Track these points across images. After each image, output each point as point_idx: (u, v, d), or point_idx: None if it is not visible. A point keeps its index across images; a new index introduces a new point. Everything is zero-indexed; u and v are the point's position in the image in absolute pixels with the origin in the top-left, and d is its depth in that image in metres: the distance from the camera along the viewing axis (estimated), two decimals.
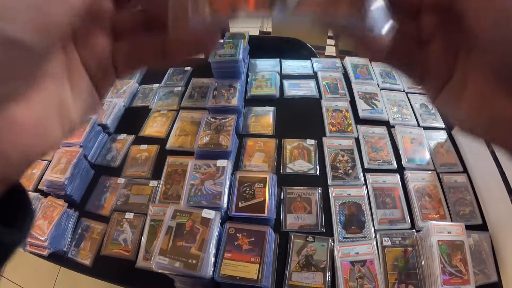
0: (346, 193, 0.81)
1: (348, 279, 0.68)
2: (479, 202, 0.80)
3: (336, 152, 0.89)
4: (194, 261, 0.61)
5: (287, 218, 0.78)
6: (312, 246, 0.73)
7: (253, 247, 0.66)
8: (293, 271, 0.70)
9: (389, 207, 0.79)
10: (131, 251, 0.78)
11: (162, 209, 0.79)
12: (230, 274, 0.63)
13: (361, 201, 0.79)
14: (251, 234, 0.68)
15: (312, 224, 0.77)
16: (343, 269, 0.69)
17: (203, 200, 0.72)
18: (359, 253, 0.71)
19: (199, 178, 0.75)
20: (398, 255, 0.71)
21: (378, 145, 0.91)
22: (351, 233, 0.75)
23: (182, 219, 0.66)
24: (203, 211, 0.67)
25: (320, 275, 0.69)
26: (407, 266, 0.70)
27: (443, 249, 0.66)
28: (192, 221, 0.66)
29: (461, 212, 0.78)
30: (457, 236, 0.68)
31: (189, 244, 0.63)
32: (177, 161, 0.91)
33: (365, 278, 0.68)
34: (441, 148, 0.91)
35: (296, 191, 0.82)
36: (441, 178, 0.84)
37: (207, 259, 0.62)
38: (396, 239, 0.73)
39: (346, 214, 0.78)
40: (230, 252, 0.65)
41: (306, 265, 0.70)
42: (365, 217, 0.77)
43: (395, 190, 0.82)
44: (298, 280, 0.69)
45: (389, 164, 0.87)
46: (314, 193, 0.82)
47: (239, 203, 0.72)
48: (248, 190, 0.74)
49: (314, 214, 0.78)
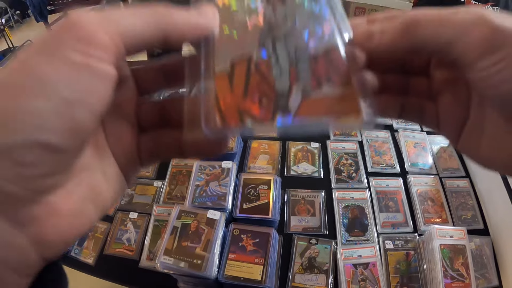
0: (349, 196, 0.82)
1: (351, 281, 0.68)
2: (481, 207, 0.81)
3: (340, 156, 0.90)
4: (199, 262, 0.62)
5: (291, 220, 0.79)
6: (315, 249, 0.73)
7: (258, 248, 0.66)
8: (296, 273, 0.70)
9: (392, 210, 0.80)
10: (134, 250, 0.78)
11: (166, 209, 0.79)
12: (234, 275, 0.63)
13: (364, 204, 0.80)
14: (255, 236, 0.68)
15: (316, 227, 0.77)
16: (346, 272, 0.69)
17: (208, 201, 0.72)
18: (362, 256, 0.71)
19: (204, 179, 0.76)
20: (401, 258, 0.72)
21: (382, 149, 0.92)
22: (354, 236, 0.76)
23: (187, 219, 0.67)
24: (209, 212, 0.67)
25: (323, 277, 0.69)
26: (409, 270, 0.70)
27: (445, 253, 0.67)
28: (198, 222, 0.66)
29: (463, 217, 0.79)
30: (459, 240, 0.69)
31: (194, 244, 0.64)
32: (182, 162, 0.92)
33: (368, 281, 0.68)
34: (444, 153, 0.92)
35: (300, 194, 0.83)
36: (443, 182, 0.84)
37: (212, 259, 0.62)
38: (398, 243, 0.74)
39: (349, 217, 0.78)
40: (235, 253, 0.66)
41: (309, 267, 0.71)
42: (368, 220, 0.78)
43: (398, 194, 0.83)
44: (301, 282, 0.69)
45: (392, 168, 0.88)
46: (317, 196, 0.82)
47: (243, 204, 0.73)
48: (253, 192, 0.75)
49: (318, 216, 0.79)
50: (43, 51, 0.14)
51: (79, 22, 0.15)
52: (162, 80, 0.22)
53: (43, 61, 0.14)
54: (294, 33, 0.21)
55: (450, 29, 0.18)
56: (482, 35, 0.17)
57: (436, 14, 0.19)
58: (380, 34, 0.20)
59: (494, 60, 0.17)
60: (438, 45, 0.19)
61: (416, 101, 0.24)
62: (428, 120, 0.24)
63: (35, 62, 0.14)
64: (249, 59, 0.20)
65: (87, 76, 0.14)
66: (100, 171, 0.19)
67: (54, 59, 0.14)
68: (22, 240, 0.15)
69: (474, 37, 0.18)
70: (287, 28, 0.21)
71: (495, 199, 0.78)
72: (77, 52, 0.14)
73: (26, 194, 0.14)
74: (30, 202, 0.15)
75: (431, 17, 0.19)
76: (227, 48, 0.20)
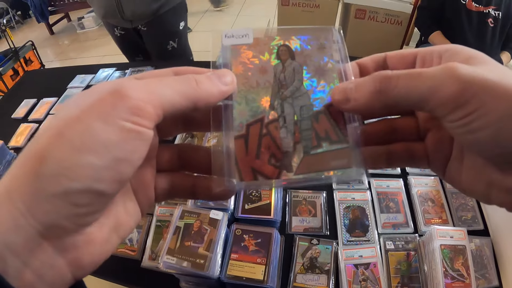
0: (350, 197, 0.82)
1: (352, 281, 0.69)
2: (481, 207, 0.82)
3: None
4: (201, 261, 0.62)
5: (292, 220, 0.79)
6: (316, 249, 0.74)
7: (260, 248, 0.67)
8: (298, 273, 0.71)
9: (393, 211, 0.80)
10: (136, 250, 0.79)
11: (168, 209, 0.80)
12: (236, 275, 0.64)
13: (365, 205, 0.81)
14: (257, 236, 0.69)
15: (317, 227, 0.78)
16: (347, 272, 0.70)
17: (211, 201, 0.73)
18: (363, 256, 0.72)
19: None
20: (401, 258, 0.72)
21: None
22: (355, 236, 0.76)
23: (190, 219, 0.67)
24: (211, 212, 0.68)
25: (324, 277, 0.70)
26: (409, 270, 0.71)
27: (445, 253, 0.68)
28: (200, 222, 0.67)
29: (463, 217, 0.80)
30: (459, 240, 0.69)
31: (197, 244, 0.64)
32: None
33: (369, 281, 0.69)
34: None
35: (301, 195, 0.83)
36: (444, 183, 0.85)
37: (215, 259, 0.63)
38: (399, 243, 0.74)
39: (350, 218, 0.79)
40: (237, 253, 0.67)
41: (311, 267, 0.71)
42: (369, 221, 0.78)
43: (398, 194, 0.83)
44: (302, 282, 0.70)
45: (393, 169, 0.88)
46: (319, 197, 0.83)
47: (245, 205, 0.74)
48: (254, 193, 0.75)
49: (319, 217, 0.80)
50: (100, 117, 0.17)
51: (130, 95, 0.18)
52: (180, 126, 0.26)
53: (101, 127, 0.17)
54: (300, 91, 0.24)
55: (421, 87, 0.19)
56: (451, 91, 0.18)
57: (406, 72, 0.20)
58: (355, 95, 0.22)
59: (465, 112, 0.18)
60: (410, 103, 0.20)
61: (403, 148, 0.25)
62: (418, 161, 0.25)
63: (94, 125, 0.17)
64: (262, 120, 0.23)
65: (133, 140, 0.18)
66: (122, 205, 0.22)
67: (110, 125, 0.17)
68: (61, 263, 0.18)
69: (444, 94, 0.18)
70: (294, 87, 0.24)
71: None
72: (129, 122, 0.17)
73: (73, 227, 0.18)
74: (74, 233, 0.18)
75: (402, 75, 0.20)
76: (243, 112, 0.23)
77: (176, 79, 0.20)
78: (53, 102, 1.29)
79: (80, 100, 0.18)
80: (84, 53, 3.50)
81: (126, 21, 1.39)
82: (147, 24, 1.42)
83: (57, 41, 3.95)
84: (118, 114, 0.17)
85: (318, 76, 0.24)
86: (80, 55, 3.48)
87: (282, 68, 0.25)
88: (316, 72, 0.25)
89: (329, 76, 0.24)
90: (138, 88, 0.18)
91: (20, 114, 1.27)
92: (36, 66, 2.75)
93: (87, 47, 3.64)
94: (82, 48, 3.63)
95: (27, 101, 1.32)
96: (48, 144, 0.17)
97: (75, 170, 0.16)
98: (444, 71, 0.19)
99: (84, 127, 0.17)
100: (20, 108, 1.30)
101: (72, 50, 3.69)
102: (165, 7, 1.39)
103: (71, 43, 3.83)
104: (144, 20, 1.40)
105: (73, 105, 0.18)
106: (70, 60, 3.45)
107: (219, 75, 0.22)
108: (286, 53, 0.25)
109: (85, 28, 3.97)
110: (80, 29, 3.97)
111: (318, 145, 0.23)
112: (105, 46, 3.40)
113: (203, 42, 2.84)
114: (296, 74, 0.24)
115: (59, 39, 3.97)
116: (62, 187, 0.16)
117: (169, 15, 1.43)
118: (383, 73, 0.21)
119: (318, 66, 0.25)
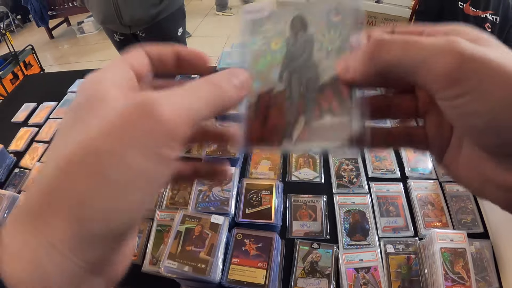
0: (350, 201, 0.83)
1: (353, 285, 0.69)
2: (481, 210, 0.82)
3: (340, 161, 0.91)
4: (203, 266, 0.62)
5: (293, 225, 0.79)
6: (317, 253, 0.74)
7: (261, 252, 0.67)
8: (299, 277, 0.71)
9: (393, 215, 0.81)
10: (137, 255, 0.79)
11: (168, 214, 0.80)
12: (237, 279, 0.64)
13: (365, 209, 0.81)
14: (258, 240, 0.69)
15: (317, 231, 0.78)
16: (348, 276, 0.70)
17: (211, 206, 0.73)
18: (363, 260, 0.72)
19: (207, 185, 0.76)
20: (402, 262, 0.73)
21: (382, 155, 0.93)
22: (355, 240, 0.77)
23: (191, 224, 0.68)
24: (212, 216, 0.68)
25: (325, 281, 0.70)
26: (410, 273, 0.71)
27: (445, 256, 0.68)
28: (201, 226, 0.67)
29: (463, 221, 0.80)
30: (459, 243, 0.69)
31: (198, 248, 0.64)
32: None
33: (369, 285, 0.69)
34: None
35: (301, 199, 0.84)
36: (443, 187, 0.85)
37: (216, 263, 0.63)
38: (399, 247, 0.75)
39: (351, 222, 0.79)
40: (238, 257, 0.67)
41: (311, 272, 0.71)
42: (369, 225, 0.79)
43: (398, 198, 0.83)
44: (303, 286, 0.70)
45: (393, 173, 0.89)
46: (319, 201, 0.83)
47: (246, 209, 0.74)
48: (255, 197, 0.76)
49: (319, 221, 0.80)
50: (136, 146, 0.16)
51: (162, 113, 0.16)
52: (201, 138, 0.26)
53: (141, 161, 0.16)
54: (309, 64, 0.25)
55: (414, 55, 0.18)
56: (446, 63, 0.17)
57: (403, 37, 0.19)
58: (353, 63, 0.21)
59: (460, 91, 0.17)
60: (401, 71, 0.19)
61: (404, 130, 0.25)
62: (417, 144, 0.25)
63: (134, 161, 0.16)
64: (271, 91, 0.25)
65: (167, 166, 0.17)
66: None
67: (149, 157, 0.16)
68: (101, 282, 0.19)
69: (438, 66, 0.17)
70: (303, 60, 0.25)
71: None
72: (165, 148, 0.17)
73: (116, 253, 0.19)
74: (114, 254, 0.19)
75: (397, 40, 0.19)
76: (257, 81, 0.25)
77: (202, 87, 0.19)
78: (53, 106, 1.29)
79: (100, 112, 0.17)
80: (83, 58, 3.52)
81: (125, 27, 1.40)
82: (145, 30, 1.43)
83: (56, 45, 3.97)
84: (155, 142, 0.16)
85: (329, 48, 0.25)
86: (80, 60, 3.49)
87: (294, 40, 0.25)
88: (327, 43, 0.25)
89: (339, 47, 0.24)
90: (169, 104, 0.17)
91: (20, 118, 1.27)
92: (35, 70, 2.75)
93: (86, 51, 3.65)
94: (82, 53, 3.65)
95: (27, 105, 1.32)
96: (82, 185, 0.15)
97: (120, 211, 0.16)
98: (444, 43, 0.17)
99: (123, 163, 0.16)
100: (20, 112, 1.30)
101: (71, 54, 3.70)
102: (163, 13, 1.40)
103: (70, 48, 3.84)
104: (142, 26, 1.41)
105: (93, 121, 0.17)
106: (69, 64, 3.46)
107: (237, 78, 0.21)
108: (299, 25, 0.26)
109: (85, 32, 3.98)
110: (80, 34, 3.99)
111: (320, 117, 0.23)
112: (104, 51, 3.42)
113: (203, 47, 2.85)
114: (307, 46, 0.25)
115: (58, 43, 3.99)
116: (108, 228, 0.16)
117: (167, 21, 1.44)
118: (379, 37, 0.19)
119: (329, 37, 0.25)
